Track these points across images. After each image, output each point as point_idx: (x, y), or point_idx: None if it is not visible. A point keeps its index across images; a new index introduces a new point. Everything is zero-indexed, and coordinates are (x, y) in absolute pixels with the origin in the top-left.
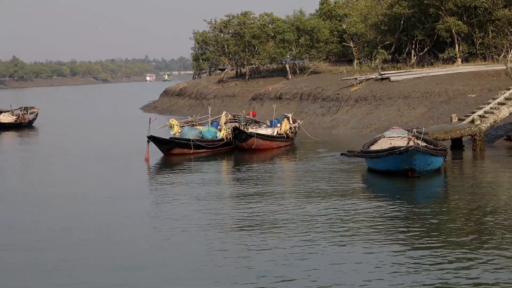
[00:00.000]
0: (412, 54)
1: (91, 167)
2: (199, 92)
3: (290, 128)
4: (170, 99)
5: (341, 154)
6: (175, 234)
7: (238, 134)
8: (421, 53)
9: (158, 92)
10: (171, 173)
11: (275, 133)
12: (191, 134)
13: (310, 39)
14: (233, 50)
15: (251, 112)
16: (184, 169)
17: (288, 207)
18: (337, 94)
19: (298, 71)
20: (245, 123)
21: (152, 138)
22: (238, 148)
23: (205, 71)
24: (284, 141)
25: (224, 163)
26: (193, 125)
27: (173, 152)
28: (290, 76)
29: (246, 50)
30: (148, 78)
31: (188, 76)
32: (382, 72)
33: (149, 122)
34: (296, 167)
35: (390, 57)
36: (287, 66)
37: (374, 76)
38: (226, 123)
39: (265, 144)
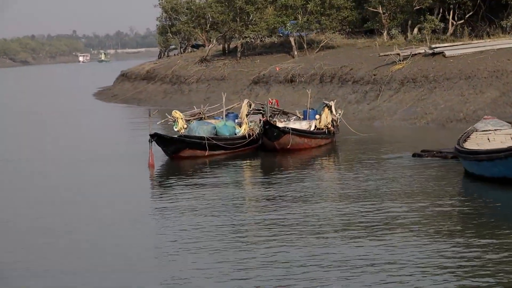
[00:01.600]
0: (451, 23)
1: (78, 177)
2: (175, 74)
3: (333, 120)
4: (133, 85)
5: (414, 156)
6: None
7: (268, 129)
8: (470, 20)
9: (99, 75)
10: (188, 185)
11: (312, 128)
12: (203, 130)
13: (322, 3)
14: (221, 19)
15: (273, 100)
16: (204, 179)
17: (380, 249)
18: (374, 75)
19: (305, 46)
20: (270, 114)
21: (156, 137)
22: (265, 148)
23: (174, 47)
24: (325, 138)
25: (253, 171)
26: (200, 119)
27: (182, 155)
28: (296, 53)
29: (238, 20)
30: (81, 59)
31: (127, 56)
32: (433, 46)
33: (149, 115)
34: (362, 179)
35: (442, 25)
36: (291, 39)
37: (422, 51)
38: (248, 115)
39: (303, 143)
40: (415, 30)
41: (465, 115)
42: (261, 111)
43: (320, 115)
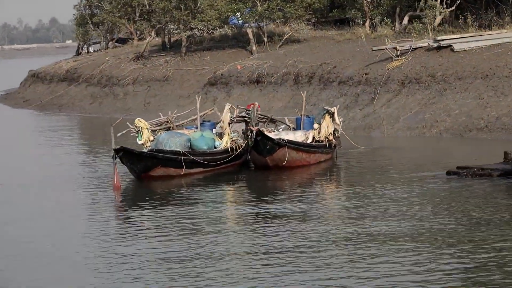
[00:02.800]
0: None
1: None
2: (105, 75)
3: (335, 131)
4: (50, 87)
5: (448, 174)
6: None
7: (260, 142)
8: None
9: None
10: (167, 215)
11: (309, 140)
12: (175, 143)
13: None
14: (161, 7)
15: (254, 105)
16: (184, 207)
17: None
18: (366, 74)
19: (266, 39)
20: (256, 122)
21: (122, 152)
22: (254, 165)
23: (97, 41)
24: (325, 152)
25: (243, 197)
26: (168, 129)
27: (152, 174)
28: (254, 47)
29: (182, 7)
30: None
31: (15, 53)
32: (439, 38)
33: (111, 126)
34: (406, 214)
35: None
36: (249, 31)
37: (425, 44)
38: (231, 123)
39: (300, 159)
40: (405, 19)
41: (487, 122)
42: (246, 119)
43: (320, 123)
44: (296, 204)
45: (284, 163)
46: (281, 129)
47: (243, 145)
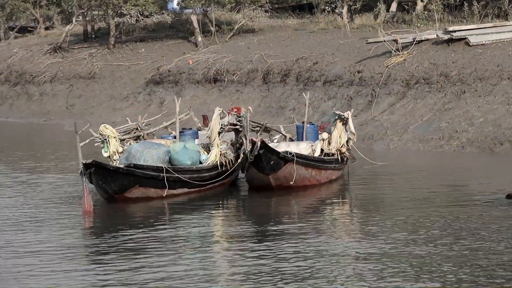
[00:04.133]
0: None
1: None
2: (14, 70)
3: (348, 140)
4: None
5: (509, 197)
6: None
7: (263, 155)
8: None
9: None
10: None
11: (317, 153)
12: (151, 156)
13: None
14: None
15: (242, 110)
16: (168, 241)
17: None
18: (358, 72)
19: (214, 29)
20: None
21: (94, 167)
22: (250, 185)
23: None
24: (337, 168)
25: (243, 230)
26: (137, 138)
27: (128, 196)
28: (200, 39)
29: None
30: None
31: None
32: (451, 29)
33: (76, 134)
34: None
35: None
36: (193, 19)
37: (433, 36)
38: (221, 132)
39: (309, 177)
40: (393, 5)
41: None
42: (237, 127)
43: (330, 132)
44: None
45: (291, 183)
46: (275, 139)
47: (237, 160)
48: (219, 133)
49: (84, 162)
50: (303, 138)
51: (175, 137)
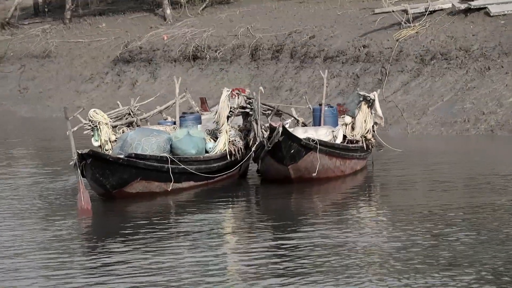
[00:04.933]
0: None
1: None
2: None
3: (374, 125)
4: None
5: None
6: None
7: (283, 142)
8: None
9: None
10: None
11: (338, 140)
12: (150, 145)
13: None
14: None
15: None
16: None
17: None
18: (364, 47)
19: (184, 0)
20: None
21: (91, 157)
22: (265, 176)
23: None
24: (362, 157)
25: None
26: (130, 124)
27: (128, 191)
28: (169, 11)
29: None
30: None
31: None
32: None
33: (67, 120)
34: None
35: None
36: None
37: (448, 5)
38: (230, 116)
39: (333, 168)
40: None
41: None
42: (247, 110)
43: (353, 116)
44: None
45: (314, 174)
46: (287, 124)
47: (246, 148)
48: (227, 117)
49: (79, 153)
50: (320, 123)
51: (174, 123)
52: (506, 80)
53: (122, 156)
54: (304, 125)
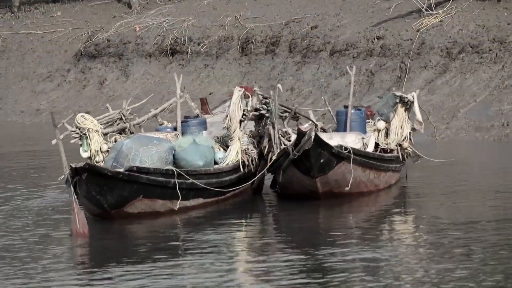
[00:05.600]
0: None
1: None
2: None
3: (411, 131)
4: None
5: None
6: None
7: (312, 151)
8: None
9: None
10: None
11: (370, 148)
12: (150, 156)
13: None
14: None
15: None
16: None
17: None
18: (379, 39)
19: None
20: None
21: (86, 172)
22: (284, 192)
23: None
24: (397, 169)
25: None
26: (122, 130)
27: (128, 211)
28: None
29: None
30: None
31: None
32: None
33: (55, 127)
34: None
35: None
36: None
37: None
38: (243, 121)
39: (366, 181)
40: None
41: None
42: (262, 112)
43: (388, 121)
44: None
45: (347, 188)
46: (305, 126)
47: (260, 158)
48: (240, 122)
49: (73, 166)
50: (345, 128)
51: (175, 129)
52: None
53: (121, 170)
54: (323, 130)
